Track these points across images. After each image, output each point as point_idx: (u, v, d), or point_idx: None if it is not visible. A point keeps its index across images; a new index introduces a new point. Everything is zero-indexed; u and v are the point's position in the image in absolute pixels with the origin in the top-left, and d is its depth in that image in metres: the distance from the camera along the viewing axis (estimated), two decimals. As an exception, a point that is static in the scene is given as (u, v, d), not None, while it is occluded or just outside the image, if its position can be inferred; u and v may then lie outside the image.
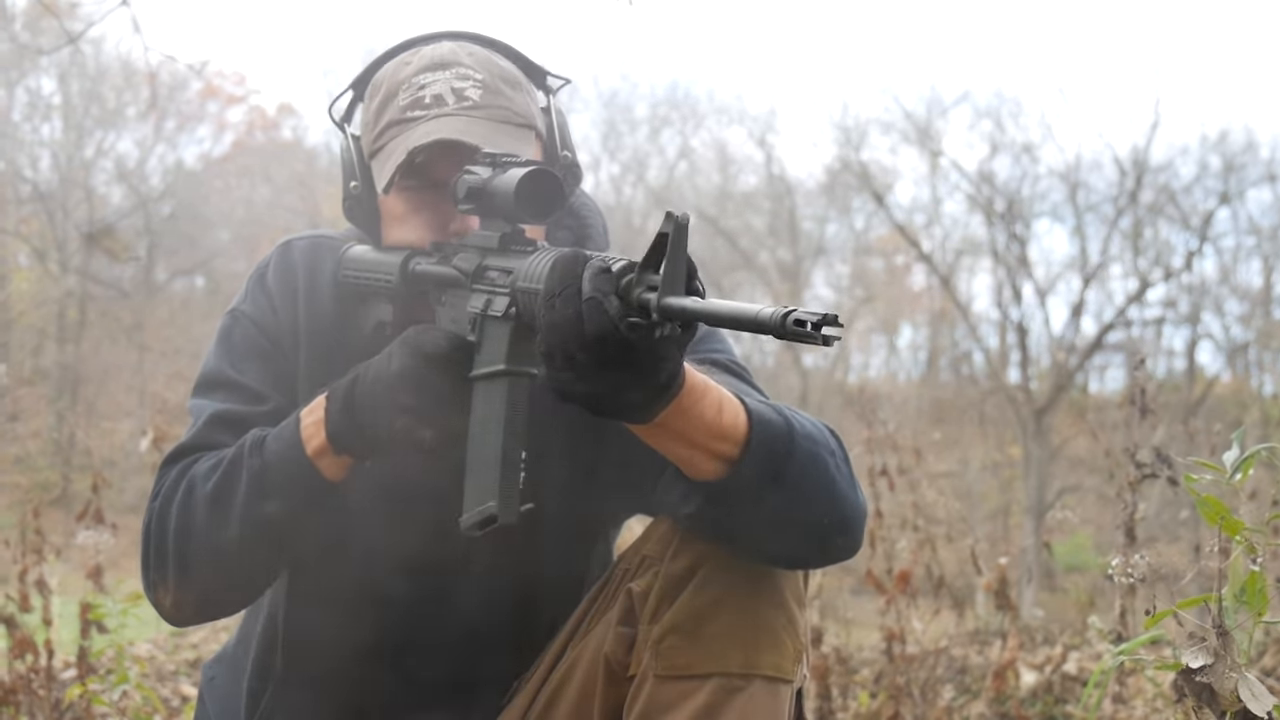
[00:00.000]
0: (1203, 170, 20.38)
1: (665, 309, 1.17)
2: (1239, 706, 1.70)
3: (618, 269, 1.22)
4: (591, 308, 1.20)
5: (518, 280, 1.41)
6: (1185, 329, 21.08)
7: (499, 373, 1.43)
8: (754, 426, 1.37)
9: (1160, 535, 7.99)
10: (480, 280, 1.48)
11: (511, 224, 1.48)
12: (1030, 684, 3.61)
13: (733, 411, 1.37)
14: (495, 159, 1.48)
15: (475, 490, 1.43)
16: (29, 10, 15.69)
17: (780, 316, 1.07)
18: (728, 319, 1.12)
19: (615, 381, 1.23)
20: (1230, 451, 1.79)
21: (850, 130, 22.10)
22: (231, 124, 24.01)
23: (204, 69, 8.67)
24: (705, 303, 1.15)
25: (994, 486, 19.37)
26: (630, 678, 1.50)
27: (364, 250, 1.66)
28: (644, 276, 1.20)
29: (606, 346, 1.20)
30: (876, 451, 4.12)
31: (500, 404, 1.42)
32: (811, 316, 1.07)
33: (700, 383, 1.33)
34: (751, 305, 1.11)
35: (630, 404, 1.26)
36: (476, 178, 1.47)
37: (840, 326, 1.08)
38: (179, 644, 5.39)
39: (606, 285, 1.21)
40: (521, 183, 1.43)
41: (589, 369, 1.22)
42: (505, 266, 1.45)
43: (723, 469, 1.38)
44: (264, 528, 1.52)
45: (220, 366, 1.67)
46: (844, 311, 22.97)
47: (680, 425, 1.33)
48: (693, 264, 1.19)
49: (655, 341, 1.21)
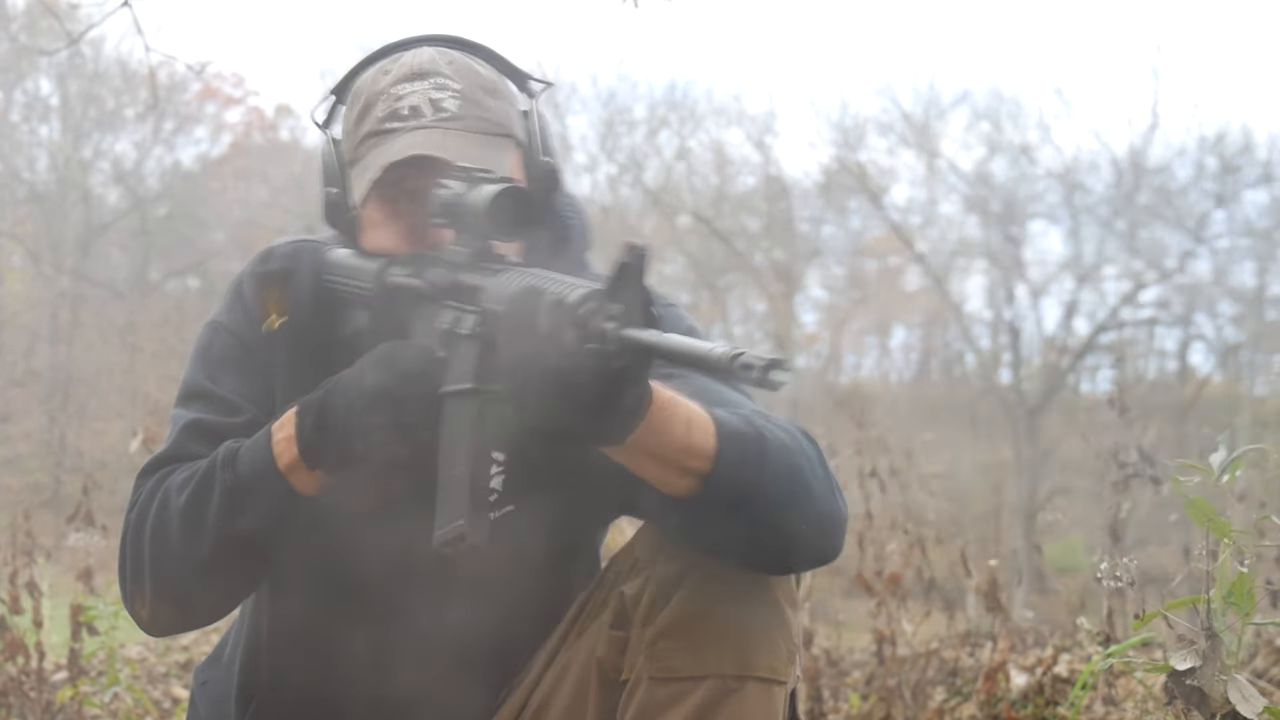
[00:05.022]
0: (1199, 172, 20.42)
1: (623, 340, 1.19)
2: (1228, 709, 1.70)
3: (574, 300, 1.24)
4: (549, 344, 1.23)
5: (485, 300, 1.42)
6: (1178, 330, 21.13)
7: (467, 391, 1.43)
8: (723, 440, 1.38)
9: (1151, 538, 8.01)
10: (450, 296, 1.49)
11: (483, 240, 1.49)
12: (1021, 686, 3.61)
13: (702, 427, 1.37)
14: (469, 174, 1.48)
15: (445, 509, 1.44)
16: (28, 11, 15.69)
17: (730, 357, 1.12)
18: (681, 355, 1.16)
19: (583, 412, 1.24)
20: (1217, 453, 1.79)
21: (848, 131, 22.13)
22: (229, 125, 23.99)
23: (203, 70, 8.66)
24: (661, 337, 1.18)
25: (985, 488, 19.38)
26: (623, 681, 1.50)
27: (345, 255, 1.66)
28: (604, 306, 1.22)
29: (569, 379, 1.22)
30: (867, 453, 4.12)
31: (469, 422, 1.43)
32: (759, 361, 1.10)
33: (668, 400, 1.34)
34: (704, 344, 1.16)
35: (601, 431, 1.28)
36: (449, 193, 1.48)
37: (786, 371, 1.11)
38: (170, 646, 5.38)
39: (563, 318, 1.23)
40: (493, 201, 1.45)
41: (555, 404, 1.24)
42: (475, 284, 1.46)
43: (695, 484, 1.38)
44: (237, 541, 1.52)
45: (198, 378, 1.68)
46: (838, 312, 23.00)
47: (649, 444, 1.33)
48: (650, 292, 1.21)
49: (618, 370, 1.22)
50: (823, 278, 24.16)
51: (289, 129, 24.17)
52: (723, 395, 1.53)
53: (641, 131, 23.59)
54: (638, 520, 1.61)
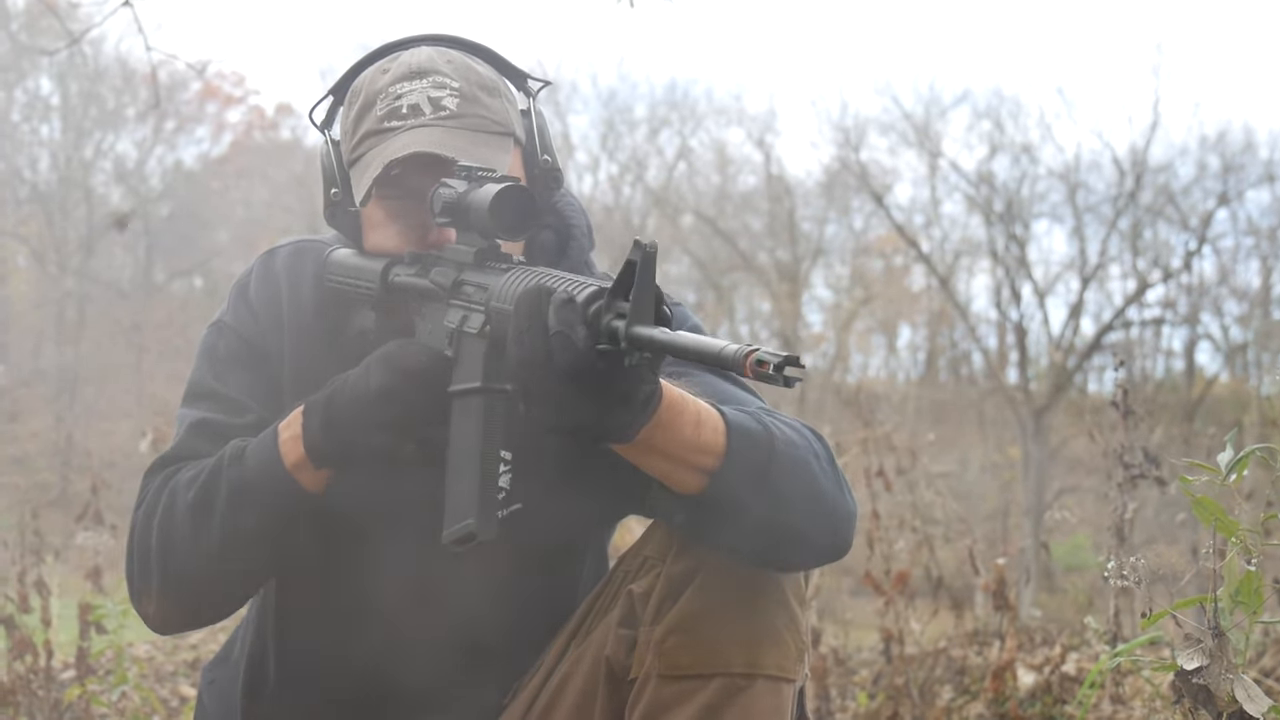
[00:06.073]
0: (1202, 171, 20.40)
1: (634, 338, 1.19)
2: (1235, 708, 1.70)
3: (584, 298, 1.24)
4: (559, 341, 1.23)
5: (492, 299, 1.42)
6: (1184, 329, 21.10)
7: (475, 390, 1.43)
8: (732, 437, 1.38)
9: (1159, 536, 8.00)
10: (457, 295, 1.49)
11: (487, 239, 1.49)
12: (1029, 685, 3.61)
13: (711, 424, 1.38)
14: (471, 173, 1.48)
15: (454, 506, 1.44)
16: (28, 11, 15.70)
17: (743, 355, 1.11)
18: (693, 352, 1.15)
19: (593, 409, 1.25)
20: (1224, 452, 1.79)
21: (849, 130, 22.13)
22: (230, 124, 24.03)
23: (205, 69, 8.70)
24: (672, 335, 1.18)
25: (993, 487, 19.36)
26: (631, 680, 1.50)
27: (347, 255, 1.66)
28: (613, 304, 1.22)
29: (580, 377, 1.22)
30: (873, 453, 4.12)
31: (477, 421, 1.43)
32: (774, 358, 1.09)
33: (678, 397, 1.35)
34: (717, 341, 1.15)
35: (612, 428, 1.28)
36: (452, 192, 1.48)
37: (802, 368, 1.10)
38: (178, 645, 5.39)
39: (573, 316, 1.23)
40: (495, 199, 1.45)
41: (566, 401, 1.24)
42: (481, 283, 1.46)
43: (704, 481, 1.38)
44: (244, 538, 1.53)
45: (203, 377, 1.68)
46: (843, 312, 23.00)
47: (659, 441, 1.34)
48: (660, 291, 1.21)
49: (628, 368, 1.22)
50: (827, 277, 24.17)
51: (290, 128, 24.23)
52: (729, 393, 1.54)
53: (643, 131, 23.63)
54: (646, 519, 1.62)
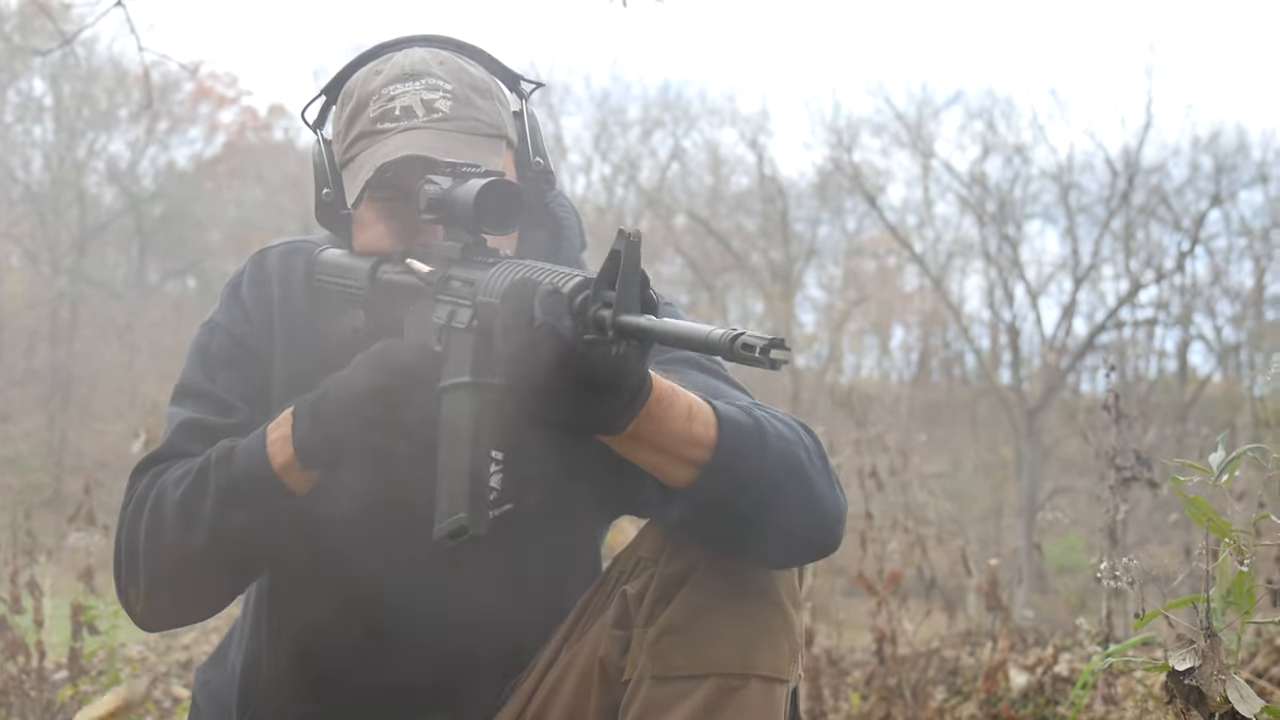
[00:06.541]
0: (1195, 171, 20.45)
1: (620, 326, 1.19)
2: (1227, 708, 1.70)
3: (569, 289, 1.24)
4: (545, 333, 1.22)
5: (478, 293, 1.42)
6: (1177, 330, 21.14)
7: (465, 384, 1.43)
8: (723, 430, 1.38)
9: (1152, 537, 8.02)
10: (444, 291, 1.49)
11: (474, 234, 1.49)
12: (1021, 685, 3.61)
13: (702, 417, 1.38)
14: (456, 169, 1.49)
15: (445, 502, 1.44)
16: (21, 11, 15.67)
17: (729, 339, 1.12)
18: (680, 338, 1.16)
19: (582, 400, 1.25)
20: (1216, 453, 1.80)
21: (842, 131, 22.14)
22: (223, 125, 24.01)
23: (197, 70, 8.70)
24: (658, 322, 1.18)
25: (985, 488, 19.39)
26: (625, 681, 1.50)
27: (336, 254, 1.67)
28: (599, 293, 1.22)
29: (567, 368, 1.22)
30: (866, 453, 4.13)
31: (467, 416, 1.43)
32: (759, 340, 1.10)
33: (668, 390, 1.35)
34: (703, 326, 1.15)
35: (601, 418, 1.28)
36: (437, 188, 1.48)
37: (787, 350, 1.11)
38: (170, 645, 5.38)
39: (559, 307, 1.23)
40: (480, 193, 1.45)
41: (554, 393, 1.24)
42: (468, 278, 1.46)
43: (695, 474, 1.38)
44: (231, 538, 1.53)
45: (195, 377, 1.69)
46: (836, 313, 23.02)
47: (650, 433, 1.34)
48: (645, 278, 1.21)
49: (616, 357, 1.22)
50: (820, 278, 24.19)
51: (283, 129, 24.23)
52: (720, 390, 1.54)
53: (635, 132, 23.64)
54: (640, 520, 1.62)
